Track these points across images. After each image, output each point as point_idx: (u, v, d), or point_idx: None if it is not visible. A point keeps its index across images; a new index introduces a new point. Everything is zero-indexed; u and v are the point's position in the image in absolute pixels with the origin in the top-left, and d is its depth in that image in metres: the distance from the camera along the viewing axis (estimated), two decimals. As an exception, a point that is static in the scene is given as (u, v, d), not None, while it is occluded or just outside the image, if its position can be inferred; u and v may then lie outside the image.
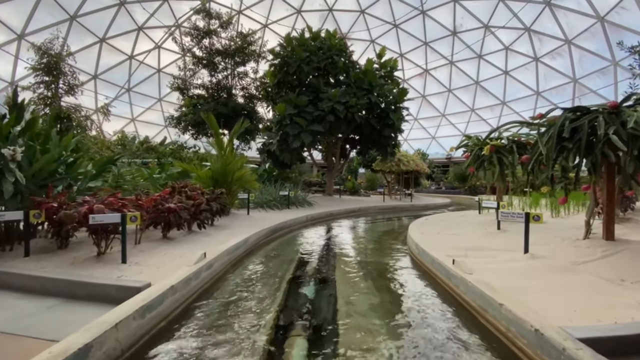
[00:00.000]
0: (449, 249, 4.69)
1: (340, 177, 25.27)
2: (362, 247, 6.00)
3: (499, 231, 6.05)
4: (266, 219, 8.13)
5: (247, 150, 20.16)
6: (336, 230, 8.31)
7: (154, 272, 3.42)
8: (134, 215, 3.89)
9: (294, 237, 6.93)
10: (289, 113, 11.81)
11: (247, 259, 4.96)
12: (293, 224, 8.25)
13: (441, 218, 8.77)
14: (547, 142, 4.01)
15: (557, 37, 22.52)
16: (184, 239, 5.27)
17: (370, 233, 7.70)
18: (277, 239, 6.70)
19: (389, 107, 13.19)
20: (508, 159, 6.67)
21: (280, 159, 12.63)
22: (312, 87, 12.73)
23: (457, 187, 29.28)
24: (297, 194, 11.49)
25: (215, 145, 8.19)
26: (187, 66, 18.61)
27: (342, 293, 3.52)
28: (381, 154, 14.49)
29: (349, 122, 12.50)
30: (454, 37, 28.54)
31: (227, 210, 8.24)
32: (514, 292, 2.74)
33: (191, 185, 7.00)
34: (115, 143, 15.83)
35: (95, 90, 25.43)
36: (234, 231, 6.19)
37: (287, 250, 5.72)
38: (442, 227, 6.92)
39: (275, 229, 7.20)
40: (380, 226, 9.17)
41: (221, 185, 8.12)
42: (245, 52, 17.71)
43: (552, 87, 25.39)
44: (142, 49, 26.13)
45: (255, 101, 18.73)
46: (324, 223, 9.34)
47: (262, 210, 9.71)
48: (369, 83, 12.55)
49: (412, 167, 16.59)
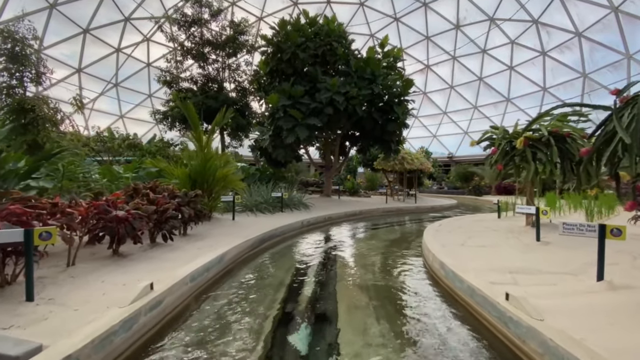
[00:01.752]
0: (487, 270, 3.52)
1: (339, 177, 24.13)
2: (368, 264, 4.82)
3: (538, 243, 4.89)
4: (254, 225, 6.94)
5: (238, 148, 18.95)
6: (336, 238, 7.12)
7: (67, 316, 2.26)
8: (46, 231, 2.68)
9: (285, 250, 5.74)
10: (282, 104, 10.47)
11: (221, 285, 3.76)
12: (286, 231, 7.07)
13: (457, 223, 7.62)
14: (633, 126, 2.83)
15: (566, 30, 21.45)
16: (140, 256, 4.06)
17: (376, 242, 6.52)
18: (265, 252, 5.51)
19: (393, 99, 11.95)
20: (545, 154, 5.51)
21: (273, 156, 11.29)
22: (308, 77, 11.38)
23: (459, 187, 28.24)
24: (291, 195, 10.29)
25: (194, 140, 6.98)
26: (175, 57, 17.33)
27: (347, 345, 2.37)
28: (384, 152, 13.22)
29: (350, 116, 11.20)
30: (457, 31, 27.43)
31: (206, 216, 7.02)
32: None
33: (163, 187, 5.80)
34: (94, 139, 14.53)
35: (79, 84, 24.08)
36: (211, 243, 4.99)
37: (276, 268, 4.53)
38: (464, 236, 5.76)
39: (263, 239, 6.01)
40: (387, 233, 7.99)
41: (201, 186, 6.92)
42: (237, 42, 16.45)
43: (559, 83, 24.34)
44: (129, 42, 24.81)
45: (249, 95, 17.48)
46: (322, 229, 8.15)
47: (250, 215, 8.50)
48: (372, 73, 11.28)
49: (417, 165, 15.41)
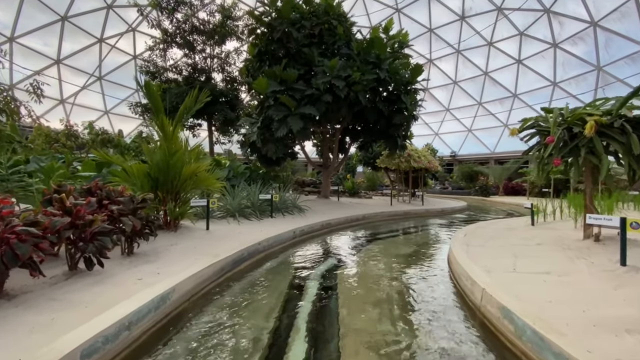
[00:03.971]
0: (585, 326, 2.07)
1: (338, 177, 22.64)
2: (383, 300, 3.34)
3: (625, 269, 3.43)
4: (232, 236, 5.44)
5: (227, 144, 17.41)
6: (337, 254, 5.63)
7: None
8: None
9: (269, 275, 4.23)
10: (272, 90, 8.85)
11: (151, 353, 2.24)
12: (273, 244, 5.57)
13: (486, 233, 6.15)
14: None
15: (580, 19, 20.09)
16: (38, 296, 2.56)
17: (388, 261, 5.04)
18: (241, 279, 3.99)
19: (400, 87, 10.44)
20: (620, 144, 4.05)
21: (263, 152, 9.74)
22: (303, 59, 9.78)
23: (464, 188, 26.85)
24: (283, 197, 8.77)
25: (156, 128, 5.45)
26: (159, 46, 15.73)
27: None
28: (389, 147, 11.68)
29: (351, 105, 9.59)
30: (462, 23, 26.03)
31: (171, 226, 5.53)
32: None
33: (110, 188, 4.29)
34: (64, 134, 12.93)
35: (59, 77, 22.43)
36: (161, 268, 3.49)
37: (252, 311, 3.02)
38: (507, 255, 4.29)
39: (241, 257, 4.51)
40: (400, 245, 6.51)
41: (164, 186, 5.41)
42: (226, 28, 14.91)
43: (571, 77, 22.97)
44: (113, 31, 23.16)
45: (239, 86, 15.94)
46: (318, 241, 6.65)
47: (232, 222, 6.99)
48: (377, 56, 9.78)
49: (424, 164, 13.95)
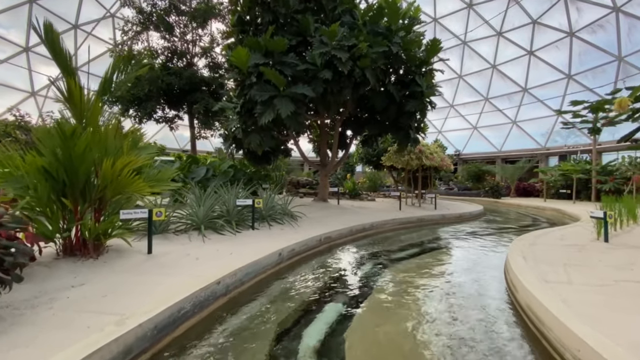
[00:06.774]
0: None
1: (336, 176, 20.75)
2: None
3: None
4: (181, 266, 3.51)
5: (209, 137, 15.42)
6: (342, 288, 3.72)
7: None
8: None
9: (221, 352, 2.31)
10: (255, 64, 6.68)
11: None
12: (245, 279, 3.63)
13: (555, 256, 4.28)
14: None
15: (601, 4, 18.40)
16: None
17: (423, 307, 3.17)
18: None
19: (415, 66, 8.56)
20: None
21: (245, 145, 7.70)
22: (296, 27, 7.67)
23: (471, 188, 25.10)
24: (270, 201, 6.83)
25: (63, 100, 3.52)
26: (132, 27, 13.77)
27: None
28: (399, 141, 9.77)
29: (357, 85, 7.60)
30: (469, 11, 24.27)
31: (94, 250, 3.62)
32: None
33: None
34: (12, 125, 10.89)
35: (29, 67, 20.33)
36: None
37: None
38: (623, 300, 2.41)
39: (182, 314, 2.57)
40: (432, 273, 4.62)
41: (75, 189, 3.47)
42: (209, 5, 12.99)
43: (587, 69, 21.26)
44: (89, 17, 21.09)
45: (225, 73, 14.02)
46: (315, 266, 4.74)
47: (196, 238, 5.05)
48: (387, 27, 7.92)
49: (437, 162, 12.10)
